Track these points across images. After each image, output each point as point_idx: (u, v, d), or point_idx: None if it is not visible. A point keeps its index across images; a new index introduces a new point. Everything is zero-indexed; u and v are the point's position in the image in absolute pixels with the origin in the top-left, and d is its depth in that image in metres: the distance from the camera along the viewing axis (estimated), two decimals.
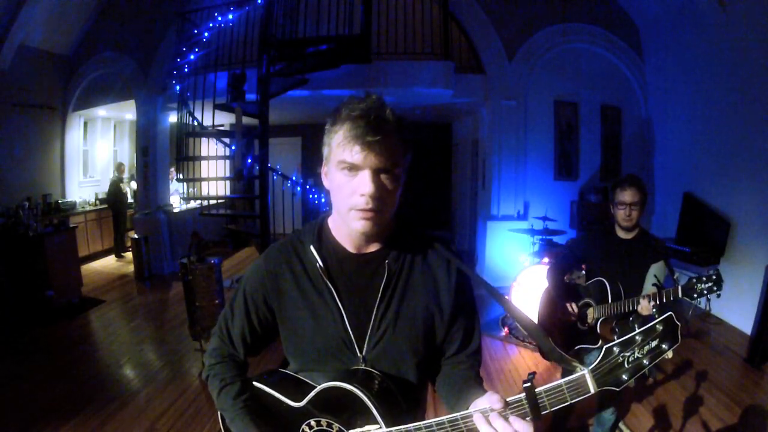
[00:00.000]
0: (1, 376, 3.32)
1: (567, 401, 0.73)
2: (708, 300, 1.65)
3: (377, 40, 5.19)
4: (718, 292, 1.64)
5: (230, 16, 4.76)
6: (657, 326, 0.72)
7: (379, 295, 0.91)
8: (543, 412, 0.75)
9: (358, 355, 0.92)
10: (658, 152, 5.60)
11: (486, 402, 0.77)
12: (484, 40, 5.60)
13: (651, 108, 5.66)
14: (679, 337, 0.72)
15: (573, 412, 2.41)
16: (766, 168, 3.95)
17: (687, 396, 3.01)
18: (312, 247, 0.95)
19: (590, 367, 0.72)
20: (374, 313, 0.91)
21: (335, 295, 0.92)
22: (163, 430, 2.68)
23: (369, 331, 0.91)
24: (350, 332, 0.91)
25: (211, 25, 4.81)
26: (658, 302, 1.74)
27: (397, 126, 0.84)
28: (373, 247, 0.94)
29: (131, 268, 6.18)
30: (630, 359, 0.72)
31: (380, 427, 0.84)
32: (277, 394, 0.97)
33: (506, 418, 0.75)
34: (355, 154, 0.81)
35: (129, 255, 6.61)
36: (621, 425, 2.68)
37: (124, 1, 6.43)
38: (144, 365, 3.57)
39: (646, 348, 0.72)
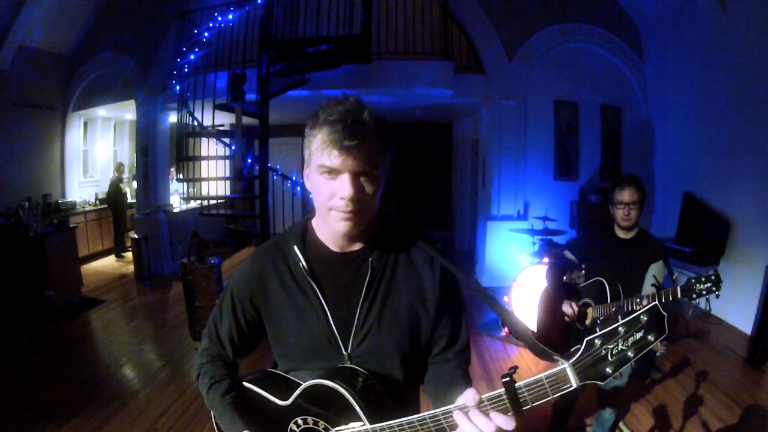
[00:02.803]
0: (1, 376, 3.32)
1: (548, 396, 0.73)
2: (708, 300, 1.64)
3: (377, 40, 5.19)
4: (717, 293, 1.63)
5: (230, 16, 4.76)
6: (641, 317, 0.69)
7: (363, 294, 0.92)
8: (524, 407, 0.75)
9: (344, 353, 0.92)
10: (658, 152, 5.60)
11: (464, 399, 0.77)
12: (484, 40, 5.60)
13: (651, 108, 5.66)
14: (666, 328, 0.69)
15: (572, 412, 2.41)
16: (766, 168, 3.95)
17: (687, 396, 3.01)
18: (296, 248, 0.96)
19: (571, 361, 0.71)
20: (358, 311, 0.92)
21: (319, 294, 0.92)
22: (163, 430, 2.68)
23: (353, 329, 0.92)
24: (335, 330, 0.92)
25: (211, 25, 4.81)
26: (657, 302, 1.73)
27: (376, 128, 0.84)
28: (357, 246, 0.95)
29: (131, 268, 6.18)
30: (614, 352, 0.70)
31: (364, 425, 0.85)
32: (265, 393, 0.98)
33: (487, 414, 0.75)
34: (333, 158, 0.81)
35: (129, 255, 6.61)
36: (621, 425, 2.68)
37: (124, 1, 6.42)
38: (144, 365, 3.57)
39: (631, 340, 0.69)
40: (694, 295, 1.66)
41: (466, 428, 0.75)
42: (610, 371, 0.70)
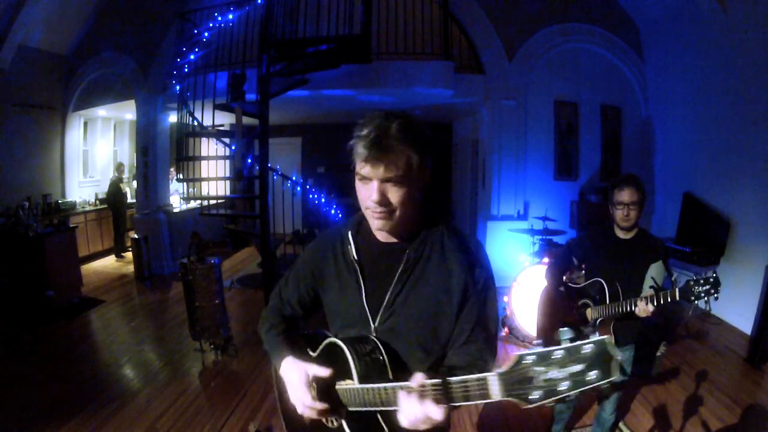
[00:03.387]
0: (1, 376, 3.32)
1: (475, 399, 0.73)
2: (707, 300, 1.64)
3: (377, 40, 5.19)
4: (715, 296, 1.62)
5: (230, 16, 4.76)
6: (583, 347, 0.60)
7: (395, 279, 1.04)
8: (454, 403, 0.78)
9: (371, 326, 1.06)
10: (658, 152, 5.60)
11: (413, 379, 0.84)
12: (484, 40, 5.60)
13: (651, 108, 5.66)
14: (615, 372, 0.58)
15: (572, 412, 2.41)
16: (766, 168, 3.95)
17: (687, 396, 3.01)
18: (350, 234, 1.11)
19: (499, 371, 0.67)
20: (388, 294, 1.04)
21: (359, 274, 1.08)
22: (163, 430, 2.68)
23: (382, 308, 1.05)
24: (366, 307, 1.06)
25: (211, 25, 4.81)
26: (655, 304, 1.73)
27: (405, 139, 0.93)
28: (399, 238, 1.07)
29: (131, 268, 6.18)
30: (544, 376, 0.62)
31: (354, 384, 0.97)
32: (304, 344, 1.19)
33: (423, 399, 0.80)
34: (364, 168, 0.95)
35: (129, 255, 6.61)
36: (621, 425, 2.68)
37: (124, 1, 6.43)
38: (144, 365, 3.57)
39: (568, 371, 0.60)
40: (693, 297, 1.65)
41: (403, 406, 0.84)
42: (536, 397, 0.62)
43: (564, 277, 2.22)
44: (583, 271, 2.23)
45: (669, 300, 1.70)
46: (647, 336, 3.69)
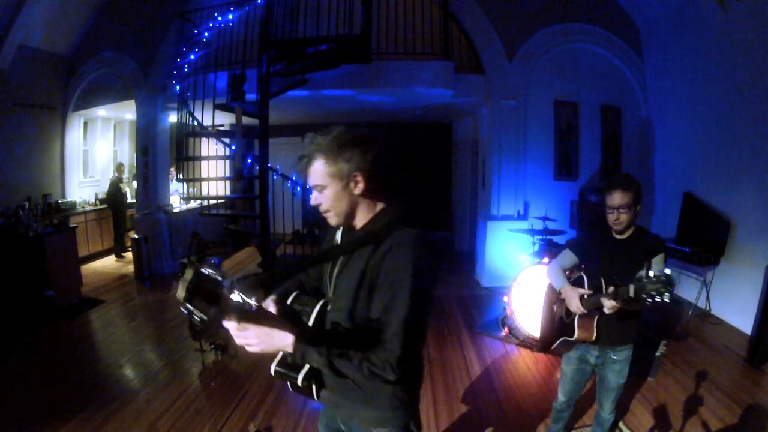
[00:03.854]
0: (1, 376, 3.32)
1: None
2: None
3: (377, 40, 5.19)
4: (667, 295, 1.53)
5: (230, 16, 4.76)
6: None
7: (339, 261, 1.27)
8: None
9: (330, 294, 1.29)
10: (658, 152, 5.60)
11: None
12: (484, 40, 5.60)
13: (651, 108, 5.66)
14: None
15: (572, 411, 2.39)
16: (766, 168, 3.95)
17: (687, 396, 3.01)
18: None
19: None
20: (335, 271, 1.28)
21: (332, 251, 1.32)
22: (163, 430, 2.68)
23: (332, 281, 1.28)
24: (325, 279, 1.33)
25: (211, 25, 4.81)
26: (617, 299, 1.73)
27: (315, 154, 1.16)
28: (356, 228, 1.27)
29: (131, 268, 6.18)
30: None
31: None
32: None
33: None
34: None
35: (129, 255, 6.61)
36: (621, 425, 2.68)
37: (124, 1, 6.43)
38: (144, 365, 3.57)
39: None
40: (644, 296, 1.56)
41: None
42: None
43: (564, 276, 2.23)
44: (582, 271, 2.23)
45: (625, 297, 1.66)
46: (647, 336, 3.70)
